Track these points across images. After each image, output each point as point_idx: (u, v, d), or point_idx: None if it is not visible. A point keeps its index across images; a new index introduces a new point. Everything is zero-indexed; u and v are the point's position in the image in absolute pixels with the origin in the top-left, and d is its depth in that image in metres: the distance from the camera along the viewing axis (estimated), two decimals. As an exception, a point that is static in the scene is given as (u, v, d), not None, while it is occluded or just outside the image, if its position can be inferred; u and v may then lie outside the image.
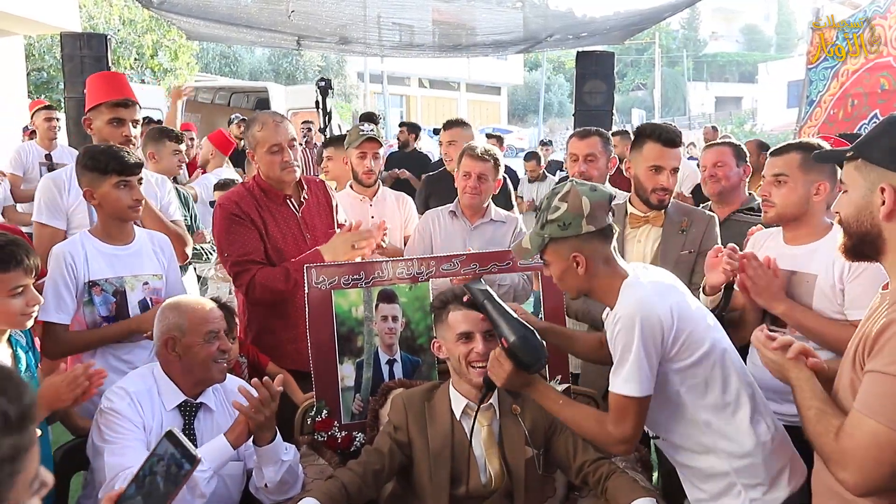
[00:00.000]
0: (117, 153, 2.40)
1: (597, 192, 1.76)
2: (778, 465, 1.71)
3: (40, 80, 13.18)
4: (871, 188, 1.42)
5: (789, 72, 24.81)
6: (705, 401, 1.71)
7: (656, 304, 1.65)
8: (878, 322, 1.38)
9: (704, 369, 1.69)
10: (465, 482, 1.99)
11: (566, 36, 7.90)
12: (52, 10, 9.06)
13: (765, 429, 1.72)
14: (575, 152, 3.07)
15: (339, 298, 2.37)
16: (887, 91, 5.52)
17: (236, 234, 2.57)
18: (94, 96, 2.87)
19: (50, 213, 2.73)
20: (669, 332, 1.64)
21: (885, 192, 1.39)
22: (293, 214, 2.70)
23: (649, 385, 1.65)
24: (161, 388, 2.05)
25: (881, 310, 1.42)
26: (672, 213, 2.59)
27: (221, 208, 2.63)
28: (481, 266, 2.46)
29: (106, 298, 2.40)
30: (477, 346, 1.99)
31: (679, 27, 45.50)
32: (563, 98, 36.18)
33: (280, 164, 2.61)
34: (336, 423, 2.33)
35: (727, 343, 1.78)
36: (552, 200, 1.76)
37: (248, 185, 2.72)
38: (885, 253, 1.44)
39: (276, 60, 26.06)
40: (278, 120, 2.66)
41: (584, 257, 1.73)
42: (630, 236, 2.63)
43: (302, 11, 6.95)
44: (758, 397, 1.77)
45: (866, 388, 1.35)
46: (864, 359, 1.39)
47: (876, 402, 1.32)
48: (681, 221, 2.57)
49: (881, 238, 1.43)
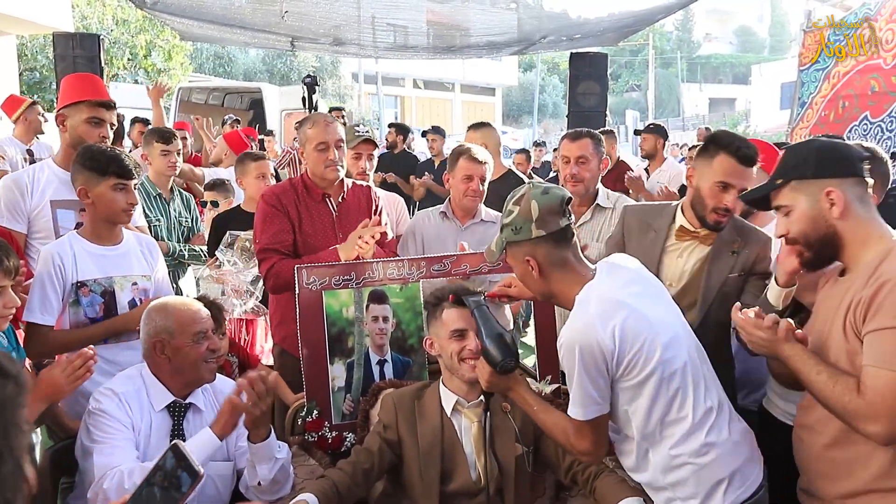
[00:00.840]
0: (118, 156, 2.41)
1: (548, 195, 1.73)
2: (715, 477, 1.69)
3: (33, 80, 13.14)
4: (816, 198, 1.65)
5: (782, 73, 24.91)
6: (649, 420, 1.69)
7: (597, 331, 1.62)
8: (864, 291, 1.55)
9: (651, 388, 1.66)
10: (455, 479, 2.00)
11: (560, 37, 7.92)
12: (44, 9, 9.04)
13: (711, 439, 1.68)
14: (566, 154, 3.07)
15: (330, 299, 2.37)
16: (877, 93, 5.55)
17: (269, 224, 2.67)
18: (74, 93, 2.81)
19: (11, 216, 2.68)
20: (612, 356, 1.63)
21: (831, 195, 1.63)
22: (329, 212, 2.75)
23: (596, 408, 1.66)
24: (150, 390, 2.05)
25: (856, 287, 1.58)
26: (725, 232, 2.32)
27: (264, 199, 2.74)
28: (471, 266, 2.46)
29: (94, 299, 2.39)
30: (470, 343, 2.01)
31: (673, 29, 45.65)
32: (557, 99, 36.24)
33: (325, 162, 2.69)
34: (327, 423, 2.33)
35: (689, 355, 1.72)
36: (508, 204, 1.78)
37: (294, 181, 2.83)
38: (843, 248, 1.65)
39: (270, 61, 26.01)
40: (329, 120, 2.77)
41: (536, 262, 1.73)
42: (671, 248, 2.39)
43: (295, 12, 6.94)
44: (723, 407, 1.75)
45: (875, 345, 1.50)
46: (857, 325, 1.55)
47: (888, 355, 1.47)
48: (733, 241, 2.32)
49: (838, 236, 1.65)
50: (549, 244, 1.72)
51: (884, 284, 1.52)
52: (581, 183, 2.99)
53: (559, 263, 1.74)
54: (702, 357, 1.79)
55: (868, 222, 1.65)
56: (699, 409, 1.69)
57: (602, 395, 1.66)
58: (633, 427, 1.72)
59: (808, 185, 1.67)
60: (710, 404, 1.71)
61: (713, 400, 1.73)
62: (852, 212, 1.64)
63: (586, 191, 3.01)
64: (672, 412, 1.68)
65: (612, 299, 1.67)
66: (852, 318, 1.58)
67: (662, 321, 1.72)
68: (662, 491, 1.74)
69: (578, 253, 1.79)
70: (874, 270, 1.57)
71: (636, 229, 2.48)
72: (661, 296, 1.84)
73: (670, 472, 1.71)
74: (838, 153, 1.69)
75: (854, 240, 1.64)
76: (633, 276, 1.81)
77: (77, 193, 2.42)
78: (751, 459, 1.76)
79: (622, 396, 1.69)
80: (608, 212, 3.02)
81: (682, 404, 1.68)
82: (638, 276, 1.83)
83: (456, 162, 3.00)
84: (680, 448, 1.69)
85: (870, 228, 1.65)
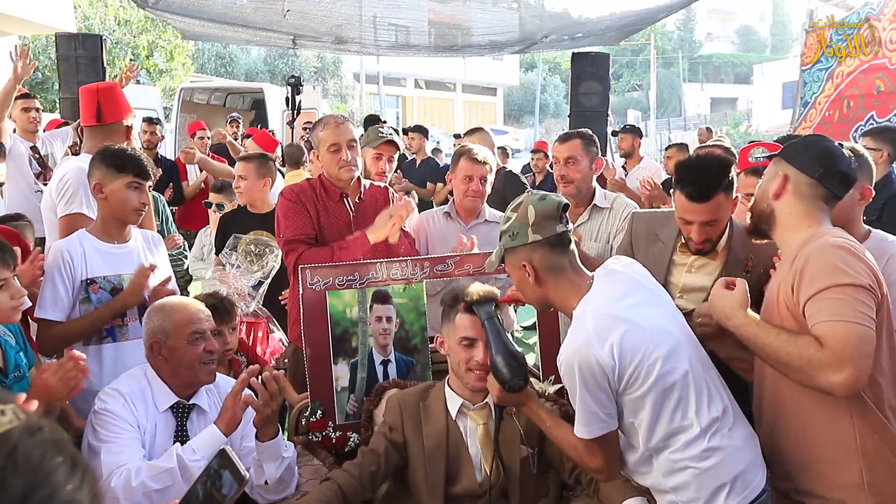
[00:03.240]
0: (137, 156, 2.46)
1: (545, 201, 1.74)
2: (717, 482, 1.68)
3: (35, 81, 13.14)
4: (773, 176, 1.81)
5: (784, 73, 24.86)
6: (655, 430, 1.68)
7: (594, 348, 1.61)
8: (791, 268, 1.69)
9: (653, 399, 1.65)
10: (460, 481, 2.00)
11: (562, 37, 7.91)
12: (47, 10, 9.04)
13: (714, 444, 1.68)
14: (556, 156, 3.09)
15: (334, 299, 2.37)
16: (883, 92, 5.53)
17: (291, 218, 2.68)
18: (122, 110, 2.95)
19: (89, 203, 2.73)
20: (612, 372, 1.62)
21: (779, 178, 1.78)
22: (347, 212, 2.76)
23: (601, 425, 1.66)
24: (154, 390, 2.05)
25: (785, 268, 1.73)
26: (737, 248, 2.26)
27: (283, 196, 2.76)
28: (475, 267, 2.47)
29: (103, 296, 2.41)
30: (477, 354, 1.99)
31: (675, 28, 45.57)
32: (558, 99, 36.17)
33: (338, 163, 2.70)
34: (331, 423, 2.33)
35: (690, 363, 1.70)
36: (507, 211, 1.79)
37: (312, 181, 2.84)
38: (776, 228, 1.81)
39: (272, 61, 26.02)
40: (340, 122, 2.78)
41: (532, 267, 1.73)
42: (679, 262, 2.34)
43: (297, 11, 6.94)
44: (728, 412, 1.74)
45: (819, 306, 1.60)
46: (793, 298, 1.66)
47: (836, 310, 1.57)
48: (746, 259, 2.24)
49: (773, 216, 1.80)
50: (545, 249, 1.73)
51: (809, 257, 1.65)
52: (571, 184, 3.00)
53: (555, 269, 1.74)
54: (706, 364, 1.77)
55: (803, 214, 1.76)
56: (703, 416, 1.68)
57: (606, 411, 1.65)
58: (638, 437, 1.71)
59: (779, 162, 1.82)
60: (714, 413, 1.69)
61: (717, 408, 1.71)
62: (788, 198, 1.77)
63: (577, 191, 3.01)
64: (675, 421, 1.68)
65: (608, 315, 1.66)
66: (786, 297, 1.68)
67: (662, 330, 1.70)
68: (665, 494, 1.74)
69: (576, 261, 1.79)
70: (798, 251, 1.70)
71: (644, 238, 2.45)
72: (661, 303, 1.81)
73: (672, 475, 1.70)
74: (810, 151, 1.79)
75: (785, 224, 1.79)
76: (631, 285, 1.78)
77: (91, 189, 2.45)
78: (754, 464, 1.74)
79: (626, 409, 1.69)
80: (605, 212, 3.03)
81: (684, 413, 1.68)
82: (637, 284, 1.80)
83: (457, 162, 3.01)
84: (682, 453, 1.68)
85: (804, 219, 1.75)
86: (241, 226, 3.54)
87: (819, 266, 1.62)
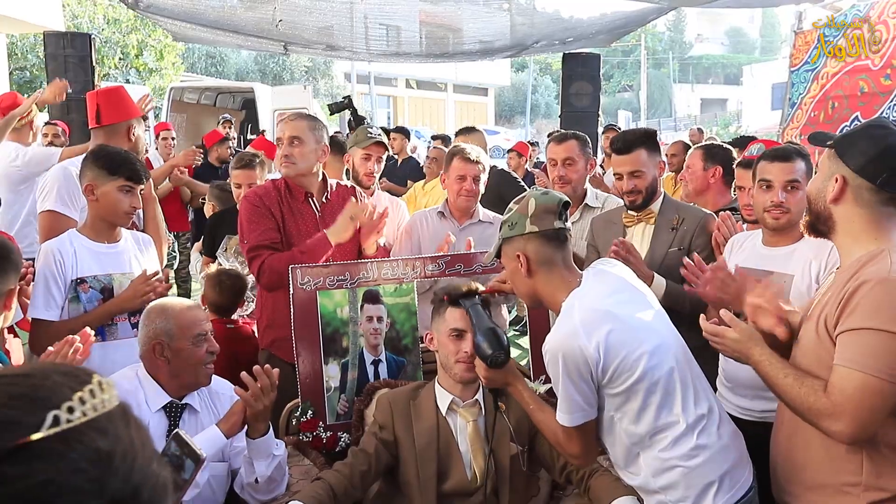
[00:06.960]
0: (131, 160, 2.45)
1: (547, 196, 1.78)
2: (705, 480, 1.69)
3: (23, 80, 13.06)
4: (829, 176, 1.63)
5: (773, 74, 25.03)
6: (638, 426, 1.70)
7: (580, 340, 1.63)
8: (844, 287, 1.53)
9: (638, 395, 1.67)
10: (451, 478, 2.01)
11: (553, 41, 7.93)
12: (35, 8, 8.98)
13: (702, 442, 1.69)
14: (553, 157, 3.12)
15: (325, 299, 2.38)
16: (867, 94, 5.59)
17: (255, 223, 2.64)
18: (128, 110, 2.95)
19: (63, 203, 2.73)
20: (596, 365, 1.64)
21: (837, 182, 1.61)
22: (313, 213, 2.74)
23: (582, 414, 1.68)
24: (146, 390, 2.05)
25: (840, 282, 1.57)
26: (665, 210, 2.64)
27: (246, 200, 2.72)
28: (466, 267, 2.48)
29: (93, 295, 2.41)
30: (466, 345, 2.02)
31: (665, 29, 45.82)
32: (549, 99, 36.28)
33: (279, 157, 2.70)
34: (321, 423, 2.34)
35: (676, 361, 1.72)
36: (510, 205, 1.82)
37: (277, 182, 2.80)
38: (835, 232, 1.66)
39: (262, 61, 25.92)
40: (289, 118, 2.77)
41: (525, 257, 1.75)
42: (628, 234, 2.67)
43: (289, 21, 6.92)
44: (714, 410, 1.75)
45: (847, 345, 1.49)
46: (832, 320, 1.54)
47: (859, 356, 1.46)
48: (672, 218, 2.61)
49: (832, 219, 1.65)
50: (540, 241, 1.74)
51: (863, 284, 1.49)
52: (568, 184, 3.04)
53: (547, 263, 1.76)
54: (692, 364, 1.79)
55: (868, 222, 1.59)
56: (689, 413, 1.70)
57: (587, 400, 1.68)
58: (622, 432, 1.73)
59: (835, 161, 1.62)
60: (700, 411, 1.71)
61: (703, 405, 1.72)
62: (848, 204, 1.59)
63: (574, 192, 3.05)
64: (661, 417, 1.69)
65: (597, 309, 1.68)
66: (827, 316, 1.56)
67: (648, 327, 1.73)
68: (654, 494, 1.75)
69: (570, 259, 1.80)
70: (858, 269, 1.55)
71: (602, 229, 2.75)
72: (647, 302, 1.83)
73: (660, 475, 1.72)
74: (870, 149, 1.59)
75: (846, 230, 1.62)
76: (619, 283, 1.81)
77: (83, 190, 2.44)
78: (740, 462, 1.76)
79: (609, 403, 1.71)
80: (596, 211, 3.06)
81: (670, 410, 1.69)
82: (624, 283, 1.83)
83: (450, 162, 3.02)
84: (670, 452, 1.69)
85: (868, 228, 1.59)
86: (229, 228, 3.54)
87: (868, 301, 1.47)
